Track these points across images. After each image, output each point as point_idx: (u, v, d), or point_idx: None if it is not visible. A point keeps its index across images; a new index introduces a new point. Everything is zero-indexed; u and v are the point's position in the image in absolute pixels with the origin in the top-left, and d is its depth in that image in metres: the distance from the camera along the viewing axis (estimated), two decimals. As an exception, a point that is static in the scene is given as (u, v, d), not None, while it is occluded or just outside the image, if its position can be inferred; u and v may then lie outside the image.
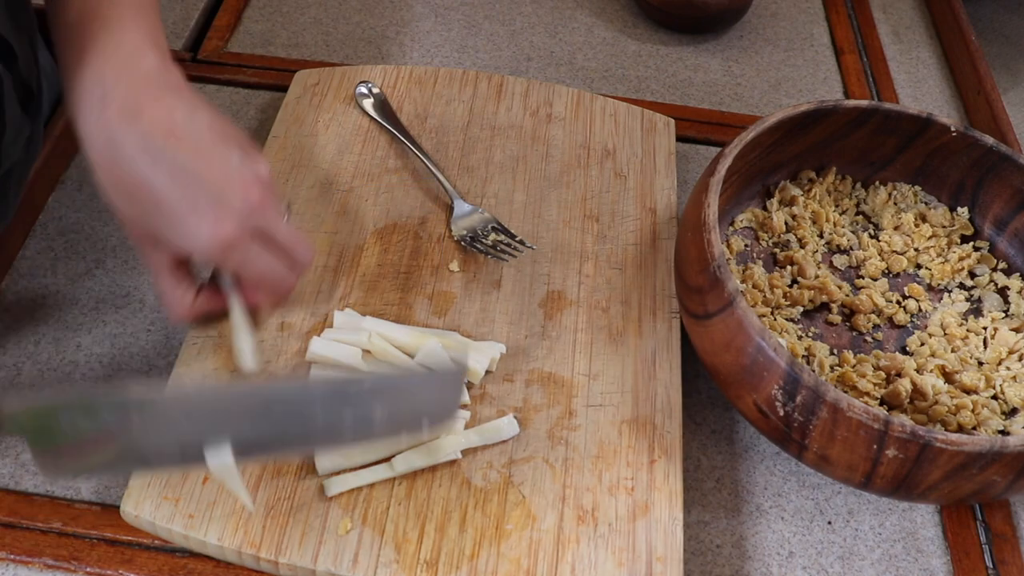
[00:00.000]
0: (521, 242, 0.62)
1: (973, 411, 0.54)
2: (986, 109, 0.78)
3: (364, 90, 0.70)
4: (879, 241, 0.64)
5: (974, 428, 0.54)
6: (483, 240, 0.61)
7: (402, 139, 0.67)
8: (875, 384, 0.55)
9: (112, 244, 0.63)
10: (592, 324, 0.58)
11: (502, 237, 0.62)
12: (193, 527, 0.48)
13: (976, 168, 0.62)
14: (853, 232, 0.65)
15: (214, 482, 0.49)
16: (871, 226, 0.66)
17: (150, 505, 0.48)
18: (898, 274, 0.63)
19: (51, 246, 0.62)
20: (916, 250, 0.64)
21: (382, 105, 0.69)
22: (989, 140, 0.60)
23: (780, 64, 0.85)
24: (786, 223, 0.64)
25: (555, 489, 0.51)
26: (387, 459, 0.50)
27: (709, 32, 0.87)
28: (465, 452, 0.51)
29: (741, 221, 0.64)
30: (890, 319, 0.60)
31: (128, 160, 0.44)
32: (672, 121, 0.72)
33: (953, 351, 0.58)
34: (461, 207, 0.63)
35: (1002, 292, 0.62)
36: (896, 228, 0.65)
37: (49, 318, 0.59)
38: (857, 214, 0.66)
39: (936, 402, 0.54)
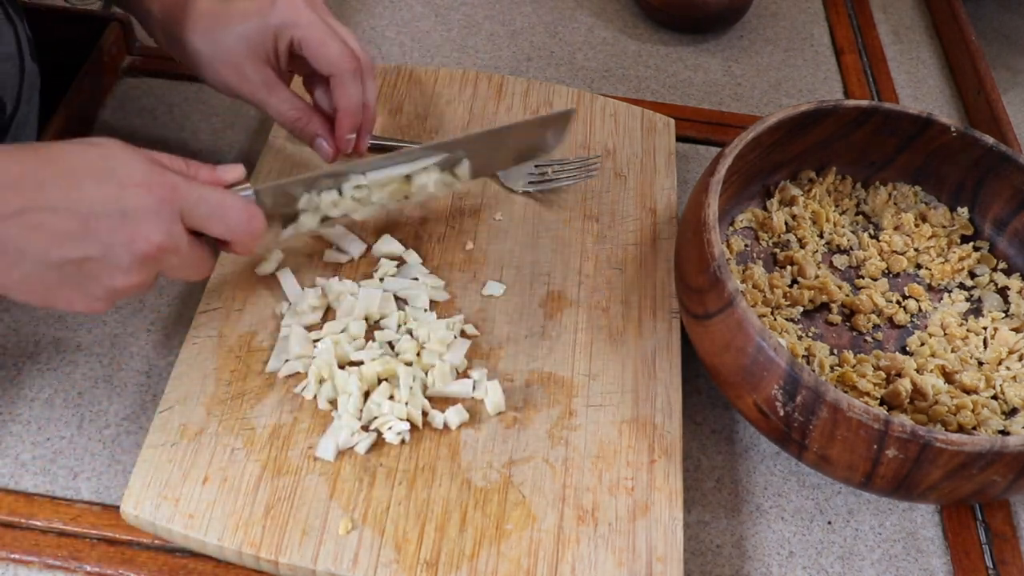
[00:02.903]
0: (583, 159, 0.67)
1: (973, 411, 0.54)
2: (986, 109, 0.78)
3: None
4: (879, 241, 0.64)
5: (974, 428, 0.54)
6: (549, 179, 0.65)
7: (400, 144, 0.67)
8: (875, 384, 0.55)
9: (112, 244, 0.63)
10: (592, 324, 0.58)
11: (558, 165, 0.66)
12: (193, 527, 0.48)
13: (976, 168, 0.62)
14: (853, 232, 0.65)
15: (214, 482, 0.49)
16: (871, 226, 0.66)
17: (150, 505, 0.48)
18: (898, 274, 0.63)
19: (51, 246, 0.62)
20: (916, 250, 0.64)
21: None
22: (989, 140, 0.60)
23: (780, 64, 0.85)
24: (786, 223, 0.64)
25: (555, 489, 0.51)
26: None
27: (709, 32, 0.87)
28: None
29: (741, 221, 0.64)
30: (890, 319, 0.60)
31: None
32: (672, 121, 0.72)
33: (953, 351, 0.58)
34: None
35: (1002, 292, 0.62)
36: (896, 228, 0.65)
37: (49, 318, 0.59)
38: (857, 214, 0.66)
39: (936, 402, 0.54)
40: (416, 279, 0.59)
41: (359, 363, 0.54)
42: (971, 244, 0.64)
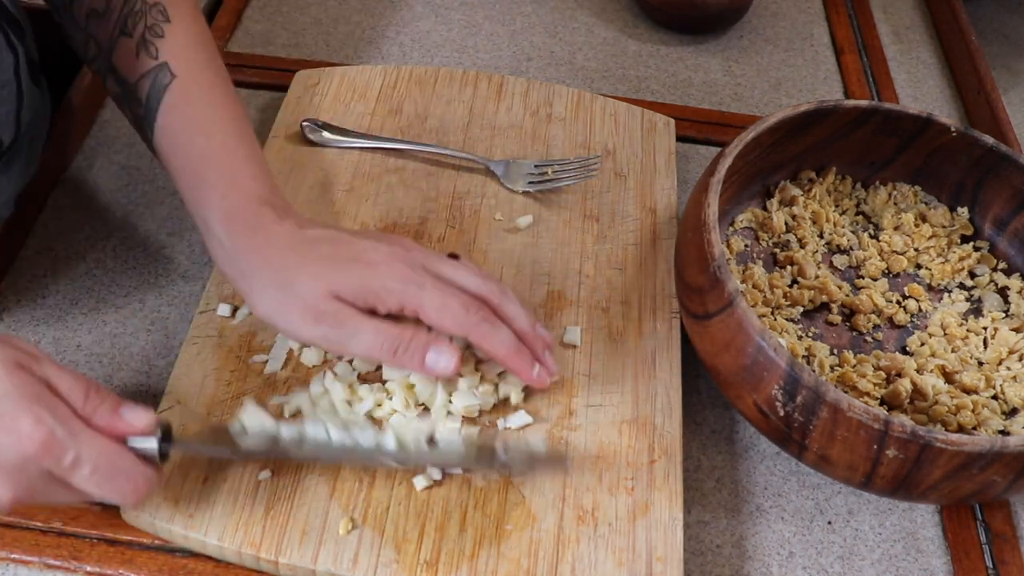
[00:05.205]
0: (583, 159, 0.66)
1: (973, 411, 0.54)
2: (986, 109, 0.78)
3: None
4: (879, 241, 0.64)
5: (974, 428, 0.54)
6: (549, 179, 0.65)
7: (399, 146, 0.67)
8: (875, 384, 0.55)
9: (112, 244, 0.63)
10: (592, 324, 0.58)
11: (558, 165, 0.66)
12: (193, 527, 0.48)
13: (976, 168, 0.62)
14: (853, 232, 0.65)
15: (214, 482, 0.49)
16: (871, 226, 0.66)
17: (150, 505, 0.48)
18: (898, 274, 0.63)
19: (51, 246, 0.62)
20: (916, 250, 0.64)
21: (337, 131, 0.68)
22: (989, 140, 0.60)
23: (780, 64, 0.85)
24: (786, 223, 0.64)
25: (555, 489, 0.51)
26: None
27: (709, 32, 0.87)
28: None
29: (741, 221, 0.64)
30: (890, 319, 0.60)
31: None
32: (672, 121, 0.72)
33: (953, 351, 0.58)
34: (499, 167, 0.65)
35: (1002, 292, 0.62)
36: (896, 228, 0.65)
37: (49, 318, 0.59)
38: (857, 214, 0.66)
39: (936, 402, 0.54)
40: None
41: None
42: (971, 244, 0.64)
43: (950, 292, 0.62)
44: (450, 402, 0.52)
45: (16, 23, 0.53)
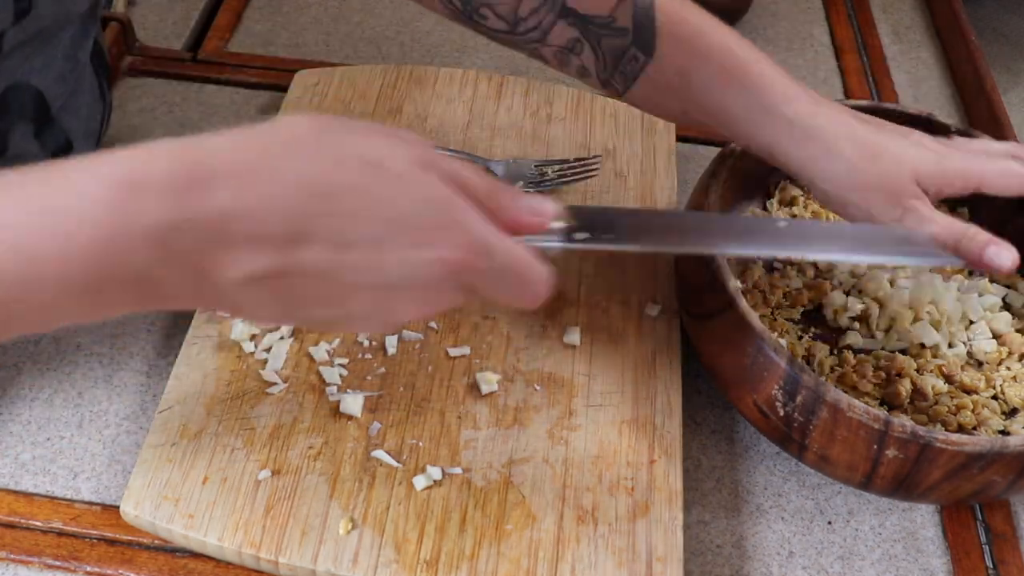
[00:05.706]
0: (583, 160, 0.66)
1: (973, 411, 0.54)
2: (986, 109, 0.78)
3: None
4: (879, 241, 0.64)
5: (974, 428, 0.54)
6: (549, 180, 0.65)
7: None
8: (875, 384, 0.55)
9: (112, 244, 0.63)
10: (592, 324, 0.58)
11: (558, 166, 0.65)
12: (193, 527, 0.48)
13: (976, 168, 0.62)
14: (853, 232, 0.65)
15: (214, 482, 0.49)
16: (871, 226, 0.66)
17: (150, 505, 0.48)
18: (898, 274, 0.63)
19: (51, 246, 0.62)
20: (916, 250, 0.64)
21: None
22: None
23: (780, 64, 0.85)
24: (786, 223, 0.64)
25: (555, 489, 0.51)
26: None
27: (709, 32, 0.87)
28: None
29: (741, 221, 0.64)
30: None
31: None
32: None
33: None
34: (499, 168, 0.65)
35: (1002, 292, 0.62)
36: (896, 228, 0.65)
37: (49, 318, 0.59)
38: (857, 214, 0.66)
39: (936, 402, 0.54)
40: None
41: None
42: (971, 244, 0.64)
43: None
44: None
45: (108, 70, 0.52)
